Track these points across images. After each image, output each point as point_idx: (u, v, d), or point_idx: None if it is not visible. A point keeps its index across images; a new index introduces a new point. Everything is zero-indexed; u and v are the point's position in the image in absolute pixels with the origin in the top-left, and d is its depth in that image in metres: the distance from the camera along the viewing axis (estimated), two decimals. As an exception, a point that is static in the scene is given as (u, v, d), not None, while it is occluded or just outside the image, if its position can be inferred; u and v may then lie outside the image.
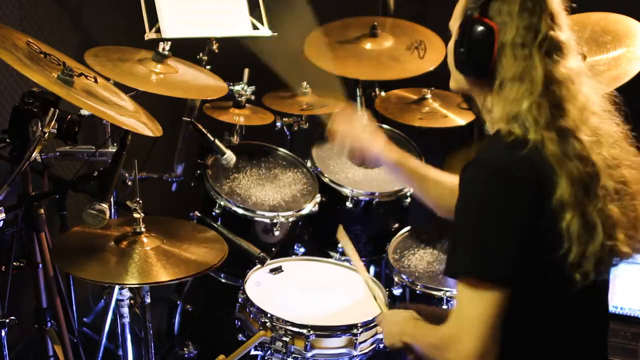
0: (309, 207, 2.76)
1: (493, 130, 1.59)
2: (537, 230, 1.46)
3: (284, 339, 2.10)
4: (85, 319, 2.90)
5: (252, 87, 2.98)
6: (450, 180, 1.94)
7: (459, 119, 3.07)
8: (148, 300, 2.16)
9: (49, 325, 2.19)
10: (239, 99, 2.93)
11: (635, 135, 1.63)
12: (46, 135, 1.82)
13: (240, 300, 2.26)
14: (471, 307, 1.47)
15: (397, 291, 2.58)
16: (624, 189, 1.54)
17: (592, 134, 1.52)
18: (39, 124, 1.87)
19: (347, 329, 2.13)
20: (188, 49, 2.87)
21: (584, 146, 1.49)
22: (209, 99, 2.91)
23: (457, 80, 1.66)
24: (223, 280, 2.76)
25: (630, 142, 1.61)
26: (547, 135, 1.47)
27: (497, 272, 1.46)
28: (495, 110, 1.55)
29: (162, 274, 1.95)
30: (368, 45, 3.19)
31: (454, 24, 1.63)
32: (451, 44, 1.63)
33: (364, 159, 2.07)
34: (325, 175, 2.89)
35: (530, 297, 1.51)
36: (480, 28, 1.53)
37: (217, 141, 2.58)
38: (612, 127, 1.58)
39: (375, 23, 3.20)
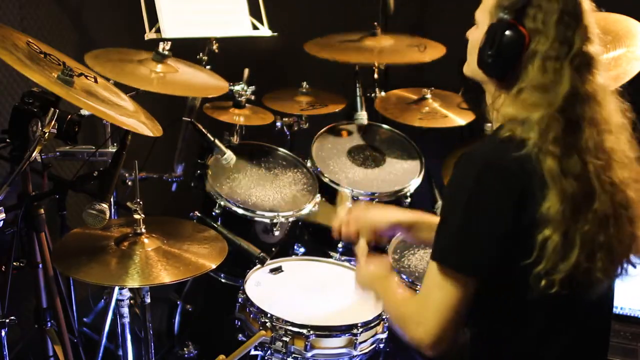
0: (309, 207, 2.76)
1: (495, 127, 1.59)
2: (518, 231, 1.46)
3: (284, 339, 2.11)
4: (85, 319, 2.90)
5: (252, 87, 2.98)
6: None
7: (459, 119, 3.07)
8: (148, 300, 2.16)
9: (49, 325, 2.19)
10: (239, 99, 2.93)
11: (637, 137, 1.62)
12: (46, 135, 1.82)
13: (240, 300, 2.26)
14: (441, 294, 1.49)
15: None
16: (624, 214, 1.52)
17: (604, 157, 1.50)
18: (39, 124, 1.87)
19: (347, 329, 2.13)
20: (188, 49, 2.88)
21: (587, 169, 1.47)
22: (209, 97, 2.91)
23: (473, 70, 1.62)
24: (223, 280, 2.76)
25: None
26: (551, 148, 1.45)
27: (473, 266, 1.48)
28: (504, 111, 1.54)
29: (163, 275, 1.95)
30: (368, 43, 3.20)
31: (482, 15, 1.58)
32: (476, 35, 1.59)
33: (380, 236, 1.96)
34: (325, 175, 2.89)
35: (512, 291, 1.52)
36: (512, 34, 1.49)
37: (217, 141, 2.58)
38: (626, 146, 1.55)
39: (375, 23, 3.21)
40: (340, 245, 2.89)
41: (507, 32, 1.50)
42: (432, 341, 1.49)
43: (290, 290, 2.33)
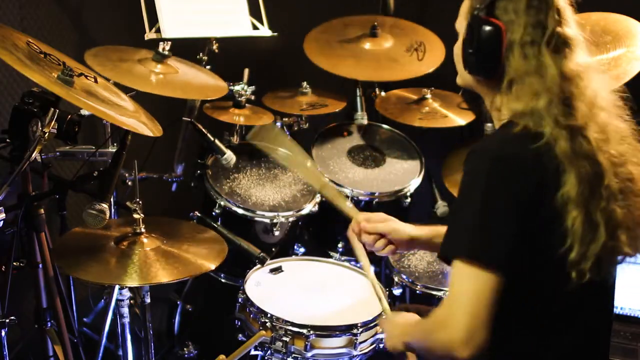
0: (309, 207, 2.76)
1: (499, 126, 1.60)
2: (538, 222, 1.46)
3: (284, 339, 2.11)
4: (85, 319, 2.90)
5: (252, 87, 2.98)
6: None
7: (459, 119, 3.07)
8: (148, 300, 2.16)
9: (49, 325, 2.19)
10: (239, 99, 2.93)
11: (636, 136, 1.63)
12: (46, 135, 1.82)
13: (240, 300, 2.26)
14: (465, 285, 1.45)
15: (397, 291, 2.59)
16: (630, 187, 1.53)
17: (600, 131, 1.52)
18: (39, 124, 1.87)
19: (347, 329, 2.13)
20: (188, 49, 2.87)
21: (592, 145, 1.49)
22: (208, 99, 2.91)
23: (464, 77, 1.65)
24: (223, 280, 2.76)
25: (638, 139, 1.60)
26: (560, 132, 1.47)
27: (493, 255, 1.45)
28: (506, 108, 1.55)
29: (162, 275, 1.95)
30: (367, 45, 3.19)
31: (460, 24, 1.62)
32: (458, 43, 1.63)
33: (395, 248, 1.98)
34: (325, 175, 2.89)
35: (528, 288, 1.51)
36: (487, 28, 1.52)
37: (217, 141, 2.59)
38: (620, 122, 1.58)
39: (376, 23, 3.20)
40: (340, 245, 2.90)
41: (483, 27, 1.53)
42: (463, 342, 1.42)
43: (290, 290, 2.33)
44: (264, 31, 3.02)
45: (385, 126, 3.19)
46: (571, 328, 1.57)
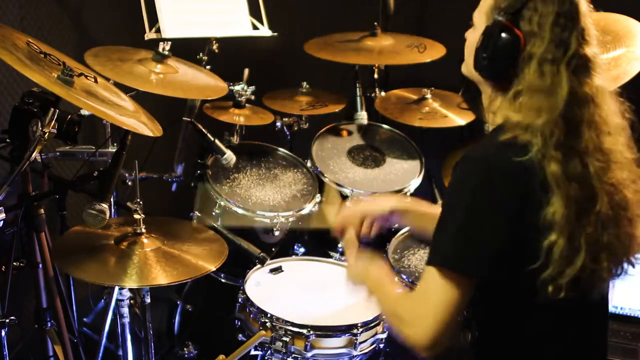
0: (309, 207, 2.76)
1: (491, 129, 1.59)
2: (519, 235, 1.46)
3: (284, 339, 2.11)
4: (85, 319, 2.90)
5: (252, 87, 2.98)
6: None
7: (459, 119, 3.07)
8: (148, 300, 2.16)
9: (49, 325, 2.19)
10: (239, 99, 2.93)
11: (636, 136, 1.63)
12: (46, 135, 1.82)
13: (240, 300, 2.26)
14: (438, 295, 1.47)
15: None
16: (622, 214, 1.52)
17: (603, 159, 1.50)
18: (39, 124, 1.87)
19: (347, 329, 2.13)
20: (188, 49, 2.87)
21: (588, 171, 1.47)
22: (209, 99, 2.91)
23: (470, 70, 1.62)
24: (223, 280, 2.76)
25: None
26: (553, 153, 1.45)
27: (473, 268, 1.47)
28: (502, 114, 1.54)
29: (162, 276, 1.95)
30: (368, 43, 3.20)
31: (479, 17, 1.58)
32: (473, 35, 1.59)
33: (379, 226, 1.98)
34: (325, 175, 2.89)
35: (510, 297, 1.52)
36: (507, 36, 1.49)
37: (217, 141, 2.58)
38: (624, 147, 1.56)
39: (376, 23, 3.21)
40: (340, 245, 2.89)
41: (502, 35, 1.49)
42: (428, 343, 1.47)
43: (290, 290, 2.33)
44: (264, 31, 3.02)
45: (385, 126, 3.19)
46: (572, 330, 1.57)
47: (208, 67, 2.94)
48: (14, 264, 2.08)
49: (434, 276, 1.49)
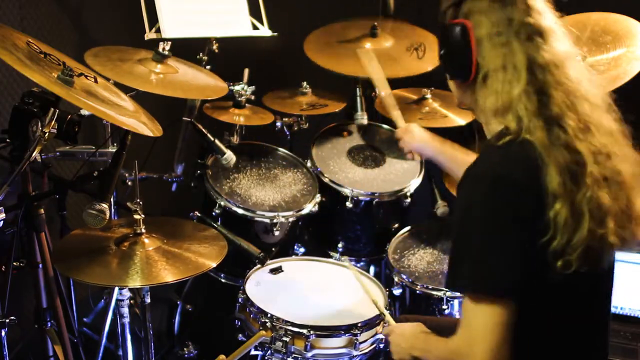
0: (309, 207, 2.76)
1: (489, 134, 1.59)
2: (532, 234, 1.45)
3: (284, 339, 2.11)
4: (85, 319, 2.90)
5: (252, 87, 2.98)
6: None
7: (459, 119, 3.07)
8: (148, 300, 2.16)
9: (49, 325, 2.19)
10: (239, 99, 2.93)
11: (636, 136, 1.62)
12: (46, 135, 1.82)
13: (240, 300, 2.26)
14: (479, 319, 1.47)
15: (397, 291, 2.59)
16: (614, 178, 1.52)
17: (579, 120, 1.51)
18: (39, 124, 1.87)
19: (347, 329, 2.13)
20: (188, 49, 2.87)
21: (568, 134, 1.48)
22: (208, 99, 2.91)
23: (455, 93, 1.68)
24: (223, 280, 2.76)
25: (625, 135, 1.59)
26: (536, 123, 1.47)
27: (501, 286, 1.46)
28: (484, 105, 1.55)
29: (164, 275, 1.95)
30: (367, 45, 3.19)
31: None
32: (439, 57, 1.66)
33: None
34: (325, 175, 2.89)
35: (526, 294, 1.50)
36: (454, 29, 1.55)
37: (217, 141, 2.58)
38: (605, 116, 1.56)
39: (376, 23, 3.20)
40: (340, 245, 2.90)
41: (449, 29, 1.56)
42: None
43: (290, 290, 2.33)
44: (264, 31, 3.02)
45: (385, 126, 3.19)
46: (570, 324, 1.56)
47: (208, 67, 2.94)
48: (14, 264, 2.08)
49: (470, 304, 1.48)
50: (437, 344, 1.65)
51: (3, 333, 2.02)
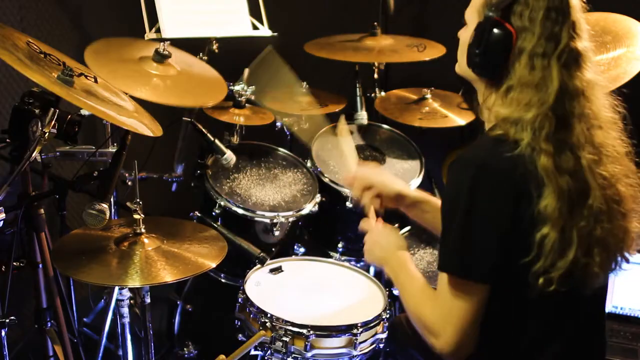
0: (309, 207, 2.76)
1: (487, 127, 1.59)
2: (517, 233, 1.47)
3: (284, 339, 2.10)
4: (85, 319, 2.90)
5: (252, 87, 2.98)
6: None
7: (459, 119, 3.07)
8: (148, 300, 2.16)
9: (49, 325, 2.19)
10: (239, 99, 2.93)
11: (636, 143, 1.62)
12: (46, 135, 1.82)
13: (240, 300, 2.26)
14: (456, 301, 1.51)
15: (397, 291, 2.58)
16: (616, 209, 1.53)
17: (595, 152, 1.51)
18: (39, 124, 1.87)
19: (347, 329, 2.13)
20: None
21: (580, 164, 1.48)
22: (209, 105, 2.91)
23: (463, 69, 1.63)
24: (223, 280, 2.76)
25: (632, 158, 1.59)
26: (544, 146, 1.46)
27: (478, 272, 1.49)
28: (496, 110, 1.55)
29: (163, 275, 1.95)
30: (368, 43, 3.20)
31: (471, 15, 1.59)
32: (466, 33, 1.60)
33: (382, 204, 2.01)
34: (325, 175, 2.89)
35: (508, 293, 1.52)
36: (499, 32, 1.50)
37: (217, 141, 2.58)
38: (616, 141, 1.56)
39: (375, 23, 3.21)
40: (340, 245, 2.90)
41: (494, 30, 1.50)
42: (452, 350, 1.52)
43: (290, 290, 2.33)
44: (264, 31, 3.02)
45: (385, 126, 3.19)
46: (567, 328, 1.57)
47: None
48: (14, 264, 2.08)
49: (446, 285, 1.52)
50: (414, 297, 1.67)
51: (3, 333, 2.02)
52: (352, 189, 2.01)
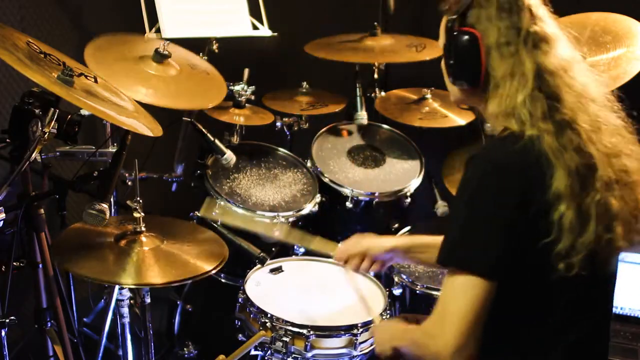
0: (309, 207, 2.76)
1: (494, 132, 1.61)
2: (527, 222, 1.46)
3: (284, 339, 2.11)
4: (85, 319, 2.90)
5: (252, 87, 2.98)
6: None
7: (459, 119, 3.07)
8: (148, 300, 2.16)
9: (49, 325, 2.19)
10: (239, 99, 2.93)
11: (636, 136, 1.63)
12: (46, 135, 1.82)
13: (240, 300, 2.26)
14: (457, 296, 1.47)
15: (397, 291, 2.58)
16: (624, 179, 1.53)
17: (591, 122, 1.52)
18: (39, 124, 1.87)
19: (347, 329, 2.13)
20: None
21: (581, 137, 1.50)
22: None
23: (454, 93, 1.67)
24: (223, 280, 2.76)
25: (630, 131, 1.60)
26: (544, 127, 1.48)
27: (479, 264, 1.47)
28: (495, 112, 1.56)
29: (160, 276, 1.95)
30: (368, 42, 3.20)
31: (441, 40, 1.66)
32: (443, 62, 1.66)
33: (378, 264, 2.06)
34: (325, 175, 2.89)
35: (518, 287, 1.51)
36: (463, 37, 1.56)
37: (217, 141, 2.58)
38: (612, 115, 1.58)
39: (375, 23, 3.21)
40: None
41: (460, 38, 1.56)
42: (452, 352, 1.45)
43: (290, 290, 2.33)
44: (264, 31, 3.02)
45: (385, 126, 3.19)
46: (570, 326, 1.57)
47: (208, 67, 2.94)
48: (14, 264, 2.08)
49: (450, 278, 1.50)
50: (414, 329, 1.68)
51: (3, 333, 2.02)
52: (347, 267, 2.07)
